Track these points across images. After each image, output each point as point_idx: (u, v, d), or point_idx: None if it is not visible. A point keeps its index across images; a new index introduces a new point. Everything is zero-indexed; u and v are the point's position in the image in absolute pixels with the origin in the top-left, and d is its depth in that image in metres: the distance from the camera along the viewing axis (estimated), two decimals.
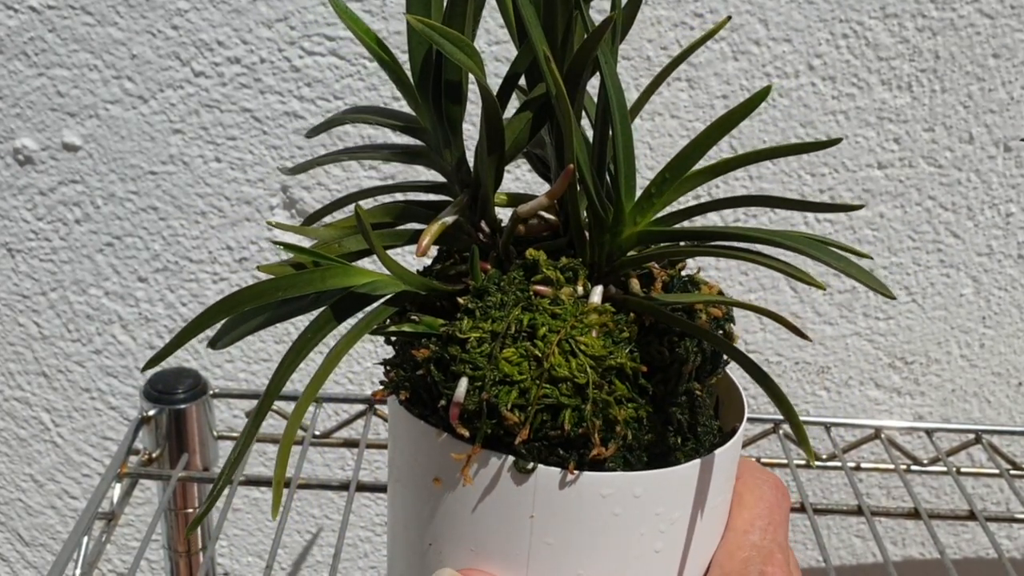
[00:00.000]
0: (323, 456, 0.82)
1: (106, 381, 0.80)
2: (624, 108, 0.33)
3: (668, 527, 0.34)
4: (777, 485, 0.39)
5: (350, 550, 0.85)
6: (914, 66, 0.71)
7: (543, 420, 0.32)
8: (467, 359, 0.32)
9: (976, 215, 0.75)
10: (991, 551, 0.85)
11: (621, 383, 0.32)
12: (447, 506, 0.34)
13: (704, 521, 0.35)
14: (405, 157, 0.39)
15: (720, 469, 0.35)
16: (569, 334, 0.32)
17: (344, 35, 0.70)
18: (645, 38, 0.70)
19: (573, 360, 0.31)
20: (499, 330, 0.32)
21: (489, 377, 0.32)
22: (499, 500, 0.33)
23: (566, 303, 0.33)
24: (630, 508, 0.33)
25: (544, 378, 0.31)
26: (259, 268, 0.34)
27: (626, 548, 0.33)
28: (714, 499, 0.35)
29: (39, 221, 0.75)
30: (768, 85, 0.31)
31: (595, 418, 0.31)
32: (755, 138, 0.72)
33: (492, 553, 0.34)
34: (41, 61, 0.71)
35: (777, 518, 0.38)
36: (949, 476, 0.72)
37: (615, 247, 0.34)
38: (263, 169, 0.73)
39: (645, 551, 0.34)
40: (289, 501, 0.61)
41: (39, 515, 0.85)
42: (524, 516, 0.33)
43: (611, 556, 0.33)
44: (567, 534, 0.33)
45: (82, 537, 0.58)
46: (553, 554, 0.33)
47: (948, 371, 0.80)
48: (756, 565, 0.36)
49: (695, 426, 0.35)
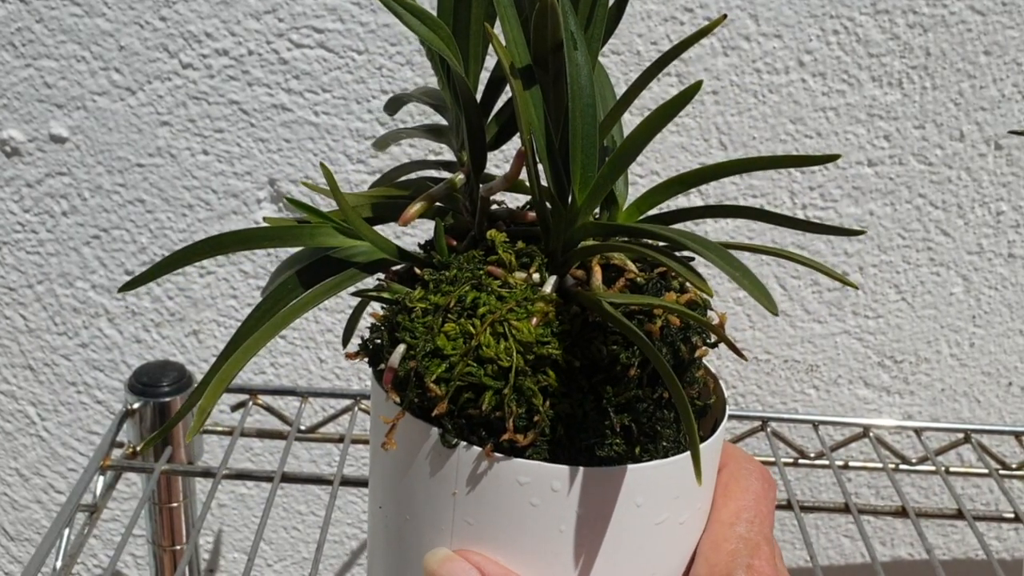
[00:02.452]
0: (309, 452, 0.81)
1: (92, 375, 0.79)
2: (584, 95, 0.32)
3: (592, 531, 0.33)
4: (764, 475, 0.39)
5: (336, 547, 0.85)
6: (905, 63, 0.71)
7: (468, 398, 0.32)
8: (409, 327, 0.33)
9: (966, 213, 0.75)
10: (980, 552, 0.85)
11: (555, 375, 0.32)
12: (388, 470, 0.35)
13: (640, 533, 0.34)
14: (432, 135, 0.40)
15: (655, 482, 0.33)
16: (504, 316, 0.32)
17: (333, 27, 0.70)
18: (635, 32, 0.70)
19: (502, 343, 0.31)
20: (443, 303, 0.32)
21: (421, 347, 0.32)
22: (427, 472, 0.34)
23: (516, 287, 0.33)
24: (548, 501, 0.32)
25: (471, 356, 0.31)
26: (265, 219, 0.35)
27: (544, 542, 0.33)
28: (653, 512, 0.34)
29: (26, 213, 0.75)
30: (699, 81, 0.30)
31: (513, 403, 0.31)
32: (745, 134, 0.72)
33: (422, 523, 0.35)
34: (28, 52, 0.70)
35: (764, 509, 0.38)
36: (938, 476, 0.72)
37: (569, 237, 0.33)
38: (250, 162, 0.73)
39: (564, 549, 0.33)
40: (272, 496, 0.61)
41: (24, 509, 0.84)
42: (448, 492, 0.33)
43: (529, 547, 0.33)
44: (486, 516, 0.33)
45: (63, 529, 0.58)
46: (474, 534, 0.34)
47: (938, 370, 0.80)
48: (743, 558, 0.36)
49: (652, 434, 0.34)
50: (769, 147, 0.73)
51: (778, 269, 0.76)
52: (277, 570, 0.86)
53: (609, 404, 0.33)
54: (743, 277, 0.28)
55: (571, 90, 0.32)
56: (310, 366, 0.79)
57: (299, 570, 0.86)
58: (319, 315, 0.77)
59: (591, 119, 0.32)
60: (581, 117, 0.32)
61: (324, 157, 0.73)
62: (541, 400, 0.32)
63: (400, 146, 0.72)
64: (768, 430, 0.70)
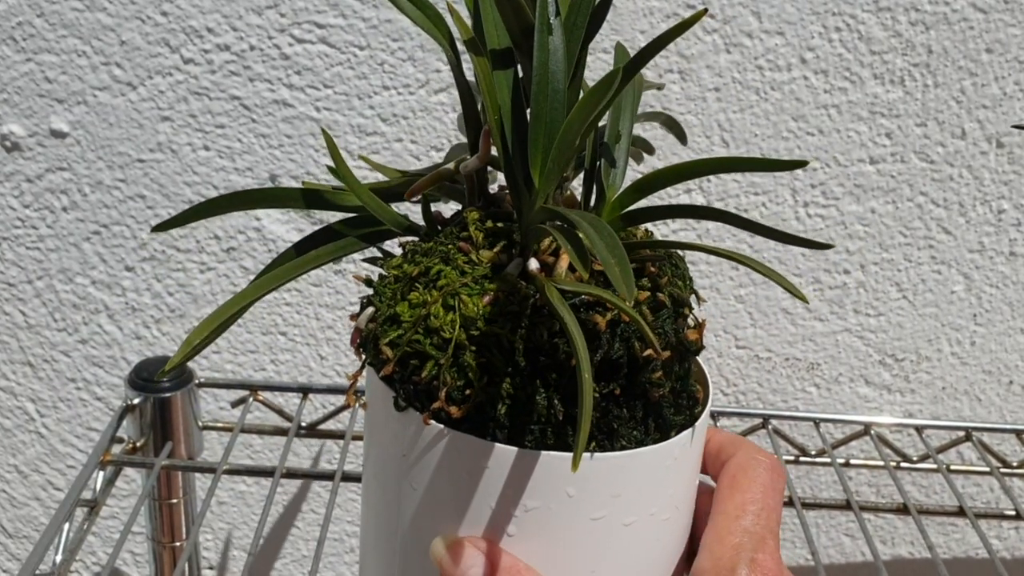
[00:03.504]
0: (310, 449, 0.81)
1: (92, 371, 0.79)
2: (556, 80, 0.32)
3: (523, 514, 0.33)
4: (773, 466, 0.38)
5: (336, 544, 0.85)
6: (907, 60, 0.71)
7: (414, 365, 0.33)
8: (380, 292, 0.34)
9: (968, 211, 0.75)
10: (981, 551, 0.85)
11: (499, 354, 0.32)
12: (365, 433, 0.37)
13: (574, 525, 0.33)
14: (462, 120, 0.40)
15: (588, 476, 0.32)
16: (457, 290, 0.32)
17: (335, 23, 0.69)
18: (637, 29, 0.70)
19: (449, 315, 0.32)
20: (411, 273, 0.33)
21: (383, 312, 0.33)
22: (384, 433, 0.35)
23: (481, 264, 0.33)
24: (480, 476, 0.32)
25: (421, 325, 0.32)
26: (304, 183, 0.35)
27: (478, 519, 0.33)
28: (589, 506, 0.33)
29: (26, 208, 0.74)
30: (616, 69, 0.30)
31: (449, 375, 0.32)
32: (747, 131, 0.72)
33: (382, 483, 0.36)
34: (29, 46, 0.70)
35: (771, 502, 0.37)
36: (939, 474, 0.72)
37: (530, 221, 0.33)
38: (251, 158, 0.73)
39: (498, 529, 0.33)
40: (272, 492, 0.61)
41: (23, 506, 0.84)
42: (398, 454, 0.34)
43: (464, 519, 0.33)
44: (427, 483, 0.34)
45: (63, 524, 0.58)
46: (416, 500, 0.34)
47: (939, 368, 0.80)
48: (747, 552, 0.35)
49: (608, 431, 0.33)
50: (771, 144, 0.72)
51: (779, 267, 0.76)
52: (277, 568, 0.86)
53: (555, 392, 0.33)
54: (610, 269, 0.28)
55: (536, 74, 0.32)
56: (311, 363, 0.79)
57: (299, 568, 0.85)
58: (320, 312, 0.77)
59: (559, 104, 0.32)
60: (547, 102, 0.32)
61: (326, 152, 0.72)
62: (478, 375, 0.32)
63: (402, 142, 0.72)
64: (769, 428, 0.70)
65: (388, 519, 0.36)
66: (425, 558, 0.34)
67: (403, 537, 0.35)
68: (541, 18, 0.33)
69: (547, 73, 0.32)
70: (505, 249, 0.34)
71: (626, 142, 0.38)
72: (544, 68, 0.32)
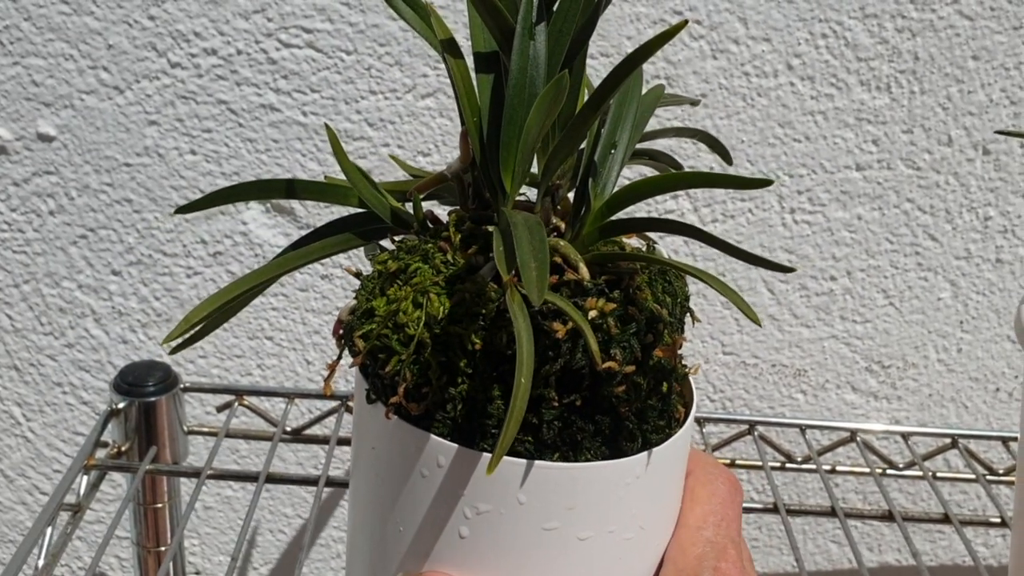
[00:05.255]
0: (296, 454, 0.81)
1: (78, 375, 0.79)
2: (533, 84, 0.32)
3: (475, 517, 0.33)
4: (730, 479, 0.39)
5: (323, 550, 0.85)
6: (893, 67, 0.71)
7: (382, 359, 0.33)
8: (364, 285, 0.35)
9: (954, 218, 0.75)
10: (967, 558, 0.85)
11: (460, 355, 0.32)
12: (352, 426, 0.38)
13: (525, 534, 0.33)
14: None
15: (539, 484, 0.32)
16: (426, 288, 0.33)
17: (321, 27, 0.69)
18: (624, 35, 0.70)
19: (416, 312, 0.32)
20: (392, 269, 0.34)
21: (361, 305, 0.34)
22: (359, 424, 0.36)
23: (458, 264, 0.34)
24: (435, 474, 0.33)
25: (391, 320, 0.33)
26: (325, 177, 0.36)
27: (434, 518, 0.33)
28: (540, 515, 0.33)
29: (12, 212, 0.74)
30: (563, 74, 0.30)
31: (408, 371, 0.32)
32: (733, 138, 0.72)
33: (358, 476, 0.37)
34: (16, 50, 0.70)
35: (730, 513, 0.38)
36: (925, 481, 0.72)
37: (502, 224, 0.34)
38: (238, 162, 0.73)
39: (451, 529, 0.33)
40: (257, 497, 0.61)
41: (9, 511, 0.84)
42: (369, 447, 0.35)
43: (420, 516, 0.33)
44: (387, 476, 0.34)
45: (45, 528, 0.58)
46: (378, 493, 0.35)
47: (925, 375, 0.80)
48: (710, 561, 0.36)
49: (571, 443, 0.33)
50: (757, 151, 0.73)
51: (766, 273, 0.76)
52: (263, 573, 0.85)
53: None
54: (526, 274, 0.28)
55: (513, 78, 0.32)
56: (297, 368, 0.79)
57: (286, 573, 0.85)
58: (306, 317, 0.77)
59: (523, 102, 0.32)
60: (523, 107, 0.32)
61: (312, 157, 0.72)
62: (437, 374, 0.32)
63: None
64: (755, 434, 0.70)
65: (363, 512, 0.37)
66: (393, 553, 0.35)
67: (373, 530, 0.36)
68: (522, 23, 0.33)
69: (525, 78, 0.32)
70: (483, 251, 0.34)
71: (623, 153, 0.37)
72: (522, 73, 0.32)
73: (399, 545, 0.34)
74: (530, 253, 0.28)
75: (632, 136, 0.38)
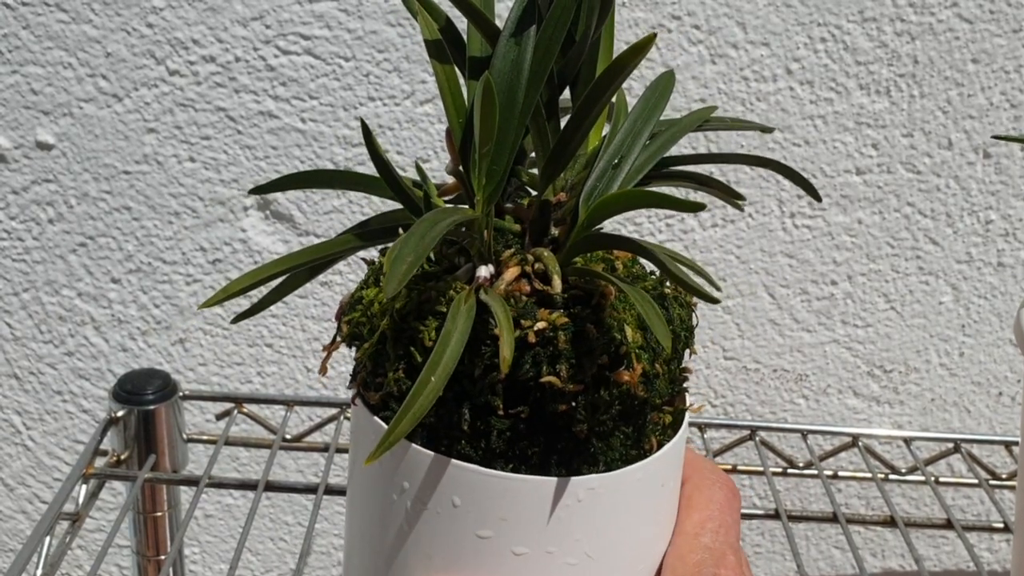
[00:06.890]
0: (296, 461, 0.81)
1: (78, 383, 0.79)
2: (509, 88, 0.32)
3: (415, 513, 0.33)
4: (727, 485, 0.38)
5: (323, 558, 0.84)
6: (892, 71, 0.71)
7: (357, 346, 0.34)
8: (368, 275, 0.36)
9: (955, 222, 0.75)
10: (970, 563, 0.84)
11: (418, 352, 0.32)
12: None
13: (457, 538, 0.33)
14: None
15: (474, 488, 0.32)
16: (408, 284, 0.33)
17: (320, 34, 0.69)
18: (622, 40, 0.70)
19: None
20: None
21: (355, 294, 0.35)
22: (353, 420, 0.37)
23: (441, 263, 0.35)
24: (387, 463, 0.33)
25: (369, 309, 0.34)
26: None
27: (383, 509, 0.33)
28: (474, 521, 0.32)
29: (12, 220, 0.74)
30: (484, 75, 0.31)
31: (369, 361, 0.33)
32: (733, 143, 0.72)
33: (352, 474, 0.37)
34: (15, 58, 0.70)
35: (728, 519, 0.37)
36: (928, 486, 0.72)
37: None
38: (237, 169, 0.72)
39: (393, 523, 0.33)
40: (256, 505, 0.61)
41: (9, 520, 0.84)
42: (353, 442, 0.36)
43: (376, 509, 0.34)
44: (362, 478, 0.35)
45: (44, 537, 0.57)
46: (354, 492, 0.35)
47: (927, 380, 0.79)
48: (709, 568, 0.36)
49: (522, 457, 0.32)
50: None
51: (767, 278, 0.76)
52: None
53: (466, 401, 0.32)
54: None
55: (495, 82, 0.32)
56: (296, 375, 0.78)
57: None
58: (306, 324, 0.77)
59: (512, 116, 0.32)
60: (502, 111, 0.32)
61: (311, 164, 0.72)
62: (394, 367, 0.32)
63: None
64: (757, 439, 0.70)
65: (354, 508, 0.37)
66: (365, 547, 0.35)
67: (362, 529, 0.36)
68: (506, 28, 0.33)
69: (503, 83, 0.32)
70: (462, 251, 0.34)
71: (630, 170, 0.36)
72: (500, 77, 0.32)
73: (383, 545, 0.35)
74: (412, 248, 0.28)
75: (652, 153, 0.37)
